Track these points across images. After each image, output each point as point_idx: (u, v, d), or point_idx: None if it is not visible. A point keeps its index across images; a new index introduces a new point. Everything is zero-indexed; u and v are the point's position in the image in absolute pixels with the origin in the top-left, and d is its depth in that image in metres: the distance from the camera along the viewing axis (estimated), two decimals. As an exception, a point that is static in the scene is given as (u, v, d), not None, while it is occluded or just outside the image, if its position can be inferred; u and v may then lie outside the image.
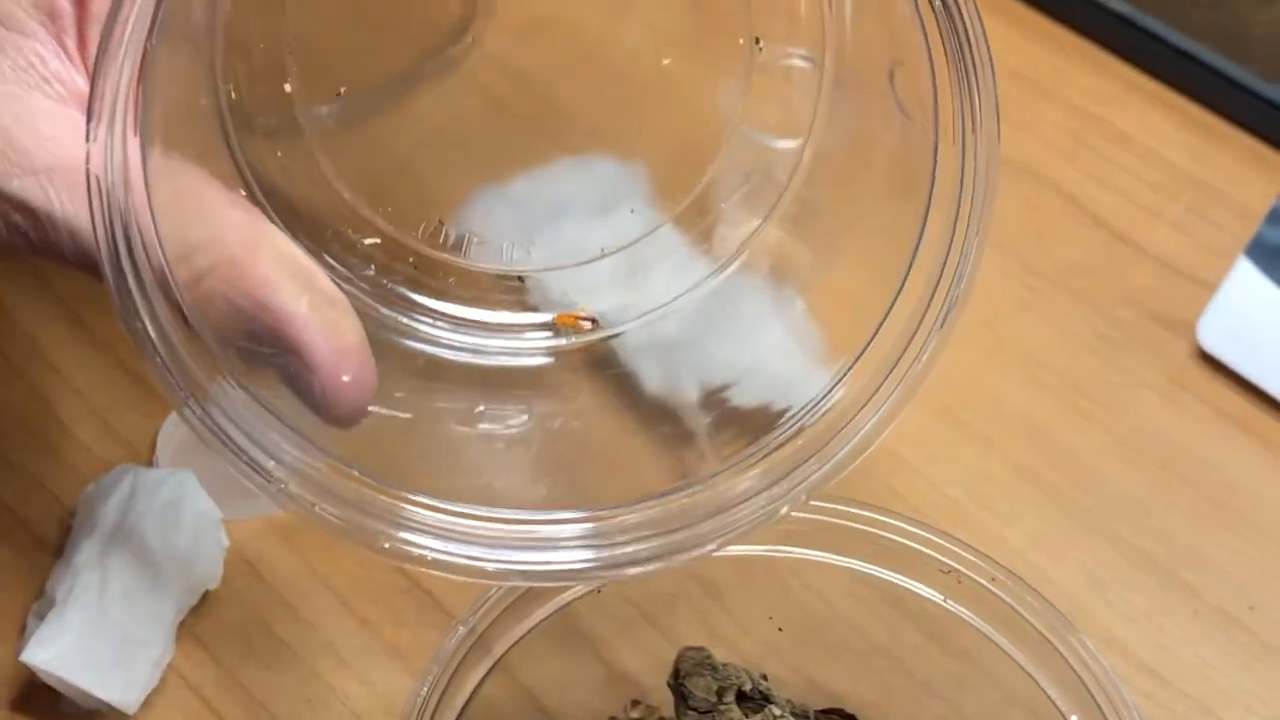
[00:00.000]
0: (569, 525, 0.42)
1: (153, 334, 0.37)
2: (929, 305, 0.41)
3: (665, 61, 0.50)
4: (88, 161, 0.35)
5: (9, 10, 0.38)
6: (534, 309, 0.47)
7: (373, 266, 0.44)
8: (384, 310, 0.44)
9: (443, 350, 0.45)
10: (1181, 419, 0.56)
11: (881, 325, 0.41)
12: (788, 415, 0.43)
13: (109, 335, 0.56)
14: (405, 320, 0.45)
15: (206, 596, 0.51)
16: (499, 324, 0.46)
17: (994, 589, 0.43)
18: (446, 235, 0.46)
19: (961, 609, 0.44)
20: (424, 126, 0.48)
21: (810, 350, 0.48)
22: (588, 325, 0.46)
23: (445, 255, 0.45)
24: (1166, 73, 0.65)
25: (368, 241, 0.44)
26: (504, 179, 0.49)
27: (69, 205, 0.38)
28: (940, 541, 0.44)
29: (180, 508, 0.51)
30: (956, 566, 0.43)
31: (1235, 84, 0.63)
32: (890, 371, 0.41)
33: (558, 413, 0.46)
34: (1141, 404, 0.57)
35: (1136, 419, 0.56)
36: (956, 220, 0.41)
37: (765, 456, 0.43)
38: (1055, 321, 0.59)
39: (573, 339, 0.46)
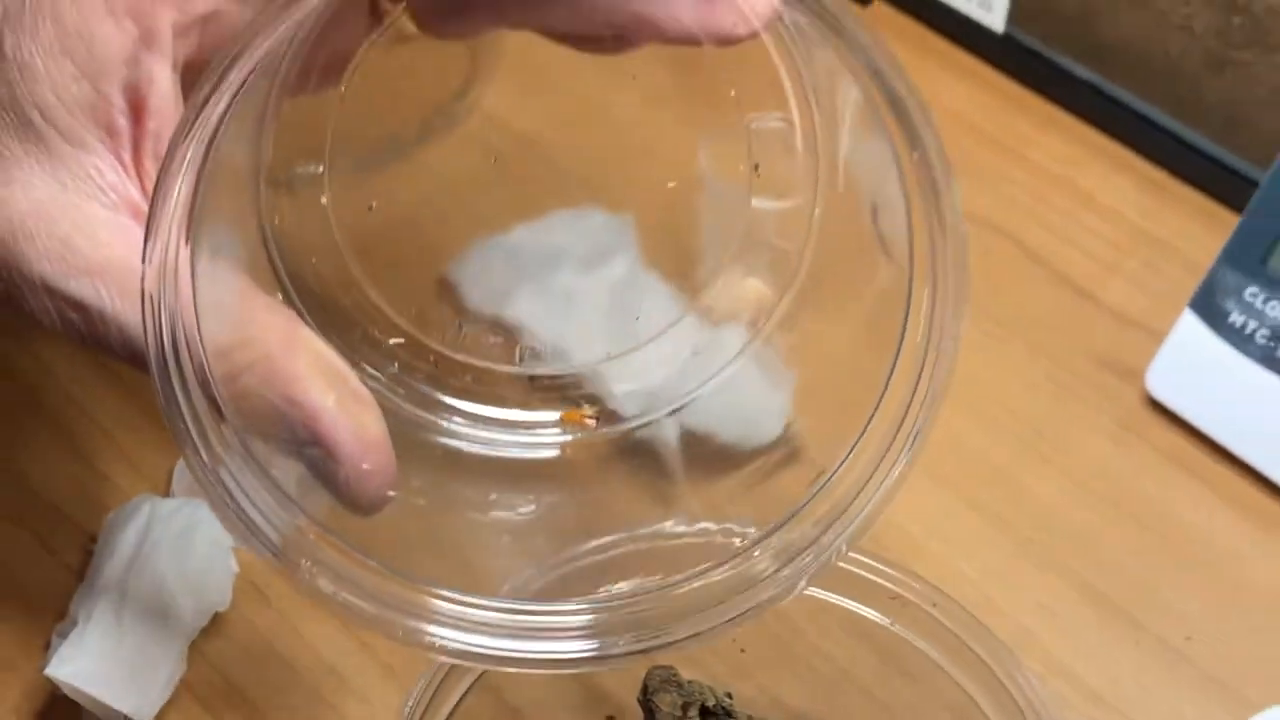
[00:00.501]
0: (571, 616, 0.43)
1: (189, 425, 0.39)
2: (918, 381, 0.42)
3: (657, 123, 0.51)
4: (143, 280, 0.37)
5: (72, 128, 0.39)
6: (546, 395, 0.49)
7: (396, 364, 0.47)
8: (406, 406, 0.46)
9: (460, 443, 0.47)
10: (1130, 461, 0.58)
11: (879, 402, 0.42)
12: (788, 485, 0.44)
13: (132, 381, 0.58)
14: (425, 415, 0.47)
15: (216, 618, 0.53)
16: (511, 420, 0.48)
17: (935, 614, 0.46)
18: (466, 334, 0.48)
19: (907, 633, 0.47)
20: (429, 180, 0.51)
21: (785, 402, 0.49)
22: (592, 424, 0.48)
23: (464, 355, 0.47)
24: (1127, 136, 0.67)
25: (392, 341, 0.46)
26: (502, 229, 0.52)
27: (118, 303, 0.39)
28: (889, 570, 0.47)
29: (193, 536, 0.52)
30: (901, 593, 0.46)
31: (1188, 146, 0.65)
32: (891, 444, 0.42)
33: (564, 501, 0.48)
34: (1093, 447, 0.59)
35: (1088, 461, 0.58)
36: (934, 308, 0.41)
37: (773, 535, 0.44)
38: (1014, 368, 0.60)
39: (579, 435, 0.48)
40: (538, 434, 0.48)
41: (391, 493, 0.41)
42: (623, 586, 0.44)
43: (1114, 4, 0.65)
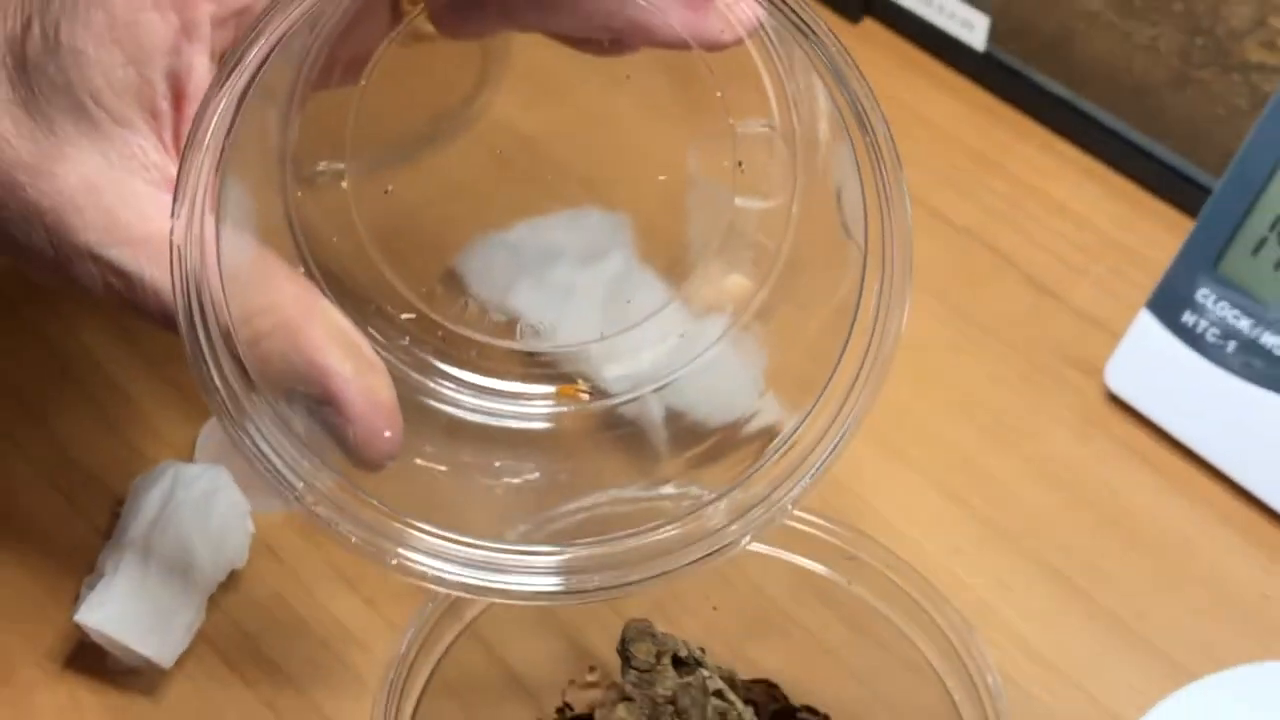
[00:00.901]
0: (544, 557, 0.46)
1: (215, 380, 0.41)
2: (866, 356, 0.44)
3: (651, 126, 0.53)
4: (171, 234, 0.40)
5: (120, 110, 0.42)
6: (544, 371, 0.51)
7: (407, 338, 0.49)
8: (415, 376, 0.49)
9: (463, 412, 0.50)
10: (1089, 450, 0.61)
11: (832, 375, 0.45)
12: (754, 453, 0.47)
13: (157, 352, 0.61)
14: (433, 385, 0.49)
15: (233, 575, 0.55)
16: (511, 392, 0.50)
17: (892, 577, 0.49)
18: (471, 311, 0.50)
19: (867, 595, 0.50)
20: (438, 179, 0.53)
21: (762, 381, 0.52)
22: (585, 397, 0.51)
23: (469, 331, 0.50)
24: (1097, 148, 0.69)
25: (404, 316, 0.49)
26: (505, 226, 0.54)
27: (155, 271, 0.42)
28: (848, 533, 0.50)
29: (214, 499, 0.55)
30: (859, 554, 0.49)
31: (1154, 158, 0.68)
32: (839, 414, 0.45)
33: (553, 467, 0.50)
34: (1055, 436, 0.61)
35: (1049, 449, 0.61)
36: (882, 284, 0.43)
37: (729, 494, 0.47)
38: (983, 363, 0.63)
39: (572, 407, 0.51)
40: (534, 405, 0.51)
41: (395, 453, 0.44)
42: (579, 540, 0.47)
43: (1086, 25, 0.67)
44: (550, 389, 0.51)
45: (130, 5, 0.41)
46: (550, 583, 0.46)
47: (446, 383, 0.50)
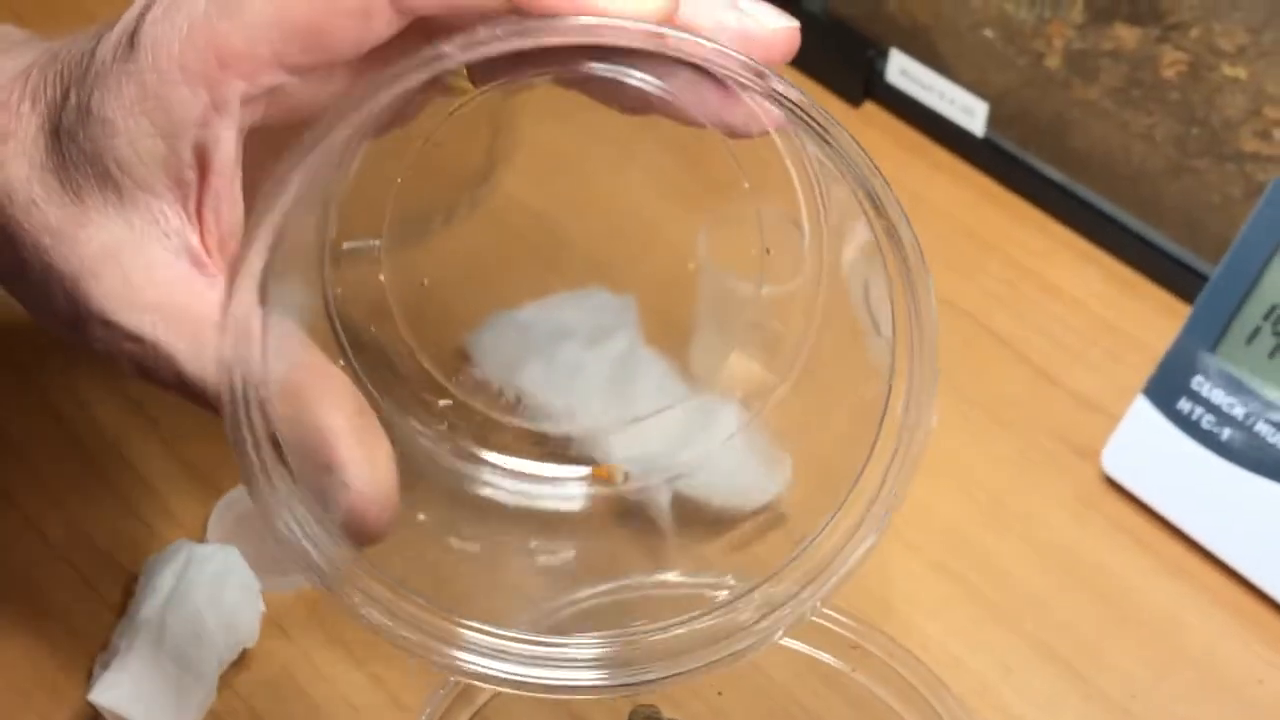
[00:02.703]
0: (583, 649, 0.47)
1: (255, 465, 0.41)
2: (894, 455, 0.45)
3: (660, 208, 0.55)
4: (222, 333, 0.40)
5: (145, 178, 0.43)
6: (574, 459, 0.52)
7: (446, 423, 0.50)
8: (455, 461, 0.50)
9: (500, 494, 0.51)
10: (1086, 532, 0.61)
11: (861, 472, 0.46)
12: (777, 544, 0.48)
13: (171, 431, 0.62)
14: (470, 468, 0.51)
15: (244, 653, 0.56)
16: (545, 476, 0.52)
17: (893, 664, 0.50)
18: (505, 399, 0.51)
19: (868, 680, 0.51)
20: (448, 258, 0.53)
21: (782, 471, 0.53)
22: (621, 477, 0.52)
23: (504, 417, 0.51)
24: (1093, 233, 0.70)
25: (442, 403, 0.50)
26: (515, 305, 0.55)
27: (170, 337, 0.43)
28: (852, 622, 0.51)
29: (226, 578, 0.55)
30: (862, 643, 0.50)
31: (1150, 244, 0.69)
32: (868, 512, 0.46)
33: (574, 552, 0.52)
34: (1052, 518, 0.62)
35: (1047, 531, 0.61)
36: (910, 384, 0.44)
37: (759, 588, 0.47)
38: (982, 444, 0.64)
39: (606, 488, 0.52)
40: (567, 487, 0.52)
41: (390, 526, 0.43)
42: (614, 630, 0.47)
43: (1083, 113, 0.68)
44: (585, 471, 0.52)
45: (161, 80, 0.42)
46: (589, 676, 0.46)
47: (482, 467, 0.51)
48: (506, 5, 0.41)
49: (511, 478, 0.51)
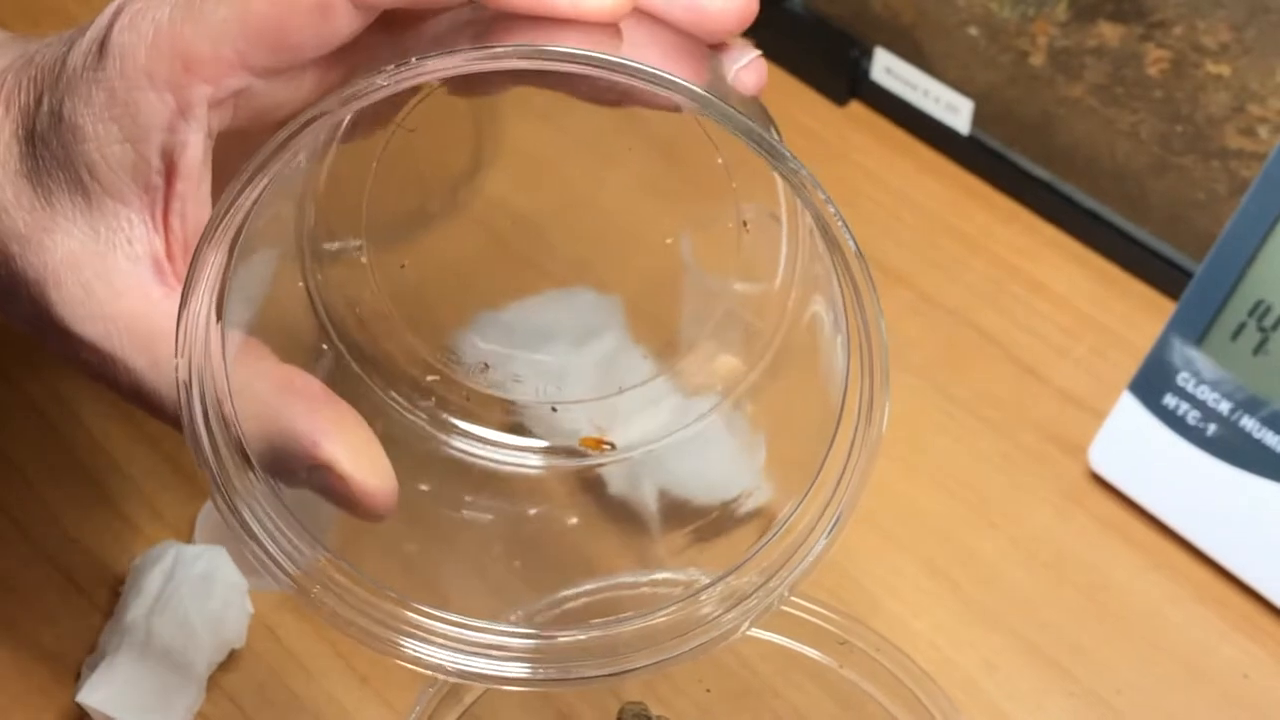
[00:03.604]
0: (538, 640, 0.47)
1: (211, 461, 0.43)
2: (853, 444, 0.44)
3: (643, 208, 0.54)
4: (176, 338, 0.41)
5: (114, 184, 0.43)
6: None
7: (433, 399, 0.51)
8: (438, 434, 0.51)
9: (487, 465, 0.51)
10: (1071, 529, 0.62)
11: (823, 462, 0.46)
12: (748, 535, 0.48)
13: (157, 432, 0.61)
14: (455, 442, 0.51)
15: (232, 654, 0.56)
16: (535, 447, 0.52)
17: (880, 659, 0.50)
18: (492, 374, 0.52)
19: (855, 676, 0.51)
20: (432, 259, 0.53)
21: (755, 462, 0.53)
22: (608, 447, 0.52)
23: (490, 390, 0.52)
24: (1079, 230, 0.70)
25: (429, 378, 0.51)
26: (499, 306, 0.55)
27: (126, 350, 0.43)
28: (839, 619, 0.51)
29: (213, 579, 0.55)
30: (850, 639, 0.50)
31: (1135, 241, 0.69)
32: (830, 499, 0.45)
33: (572, 544, 0.53)
34: (1037, 515, 0.62)
35: (1032, 528, 0.62)
36: (872, 372, 0.43)
37: (723, 579, 0.47)
38: (967, 442, 0.64)
39: (593, 459, 0.52)
40: (554, 459, 0.52)
41: (394, 498, 0.44)
42: (574, 625, 0.48)
43: (1068, 111, 0.69)
44: (573, 441, 0.52)
45: (129, 86, 0.42)
46: (545, 670, 0.47)
47: (469, 440, 0.52)
48: None
49: (498, 449, 0.52)
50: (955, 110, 0.72)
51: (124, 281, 0.43)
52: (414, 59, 0.38)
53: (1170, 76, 0.65)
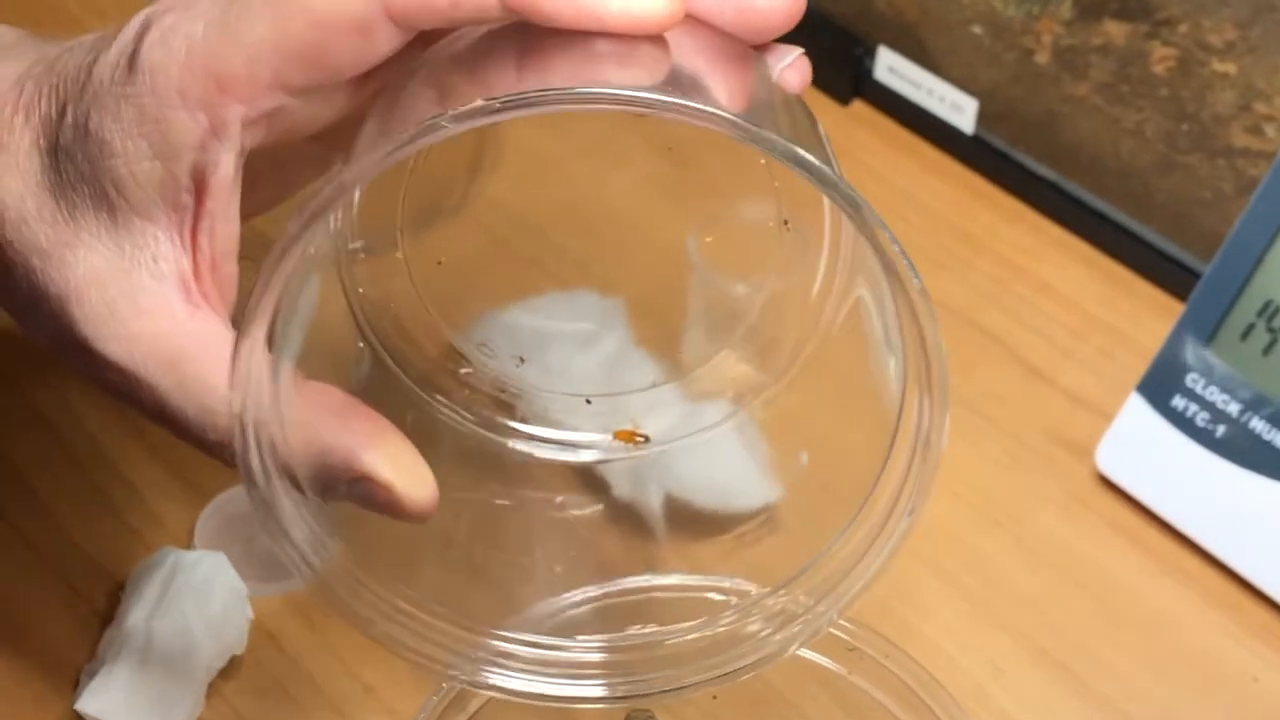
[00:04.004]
0: (592, 654, 0.47)
1: (269, 501, 0.42)
2: (910, 465, 0.43)
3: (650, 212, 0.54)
4: (234, 357, 0.40)
5: (141, 201, 0.42)
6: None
7: (467, 390, 0.51)
8: (475, 428, 0.51)
9: (521, 458, 0.51)
10: (1079, 531, 0.61)
11: (874, 486, 0.45)
12: (799, 566, 0.47)
13: (158, 438, 0.58)
14: (492, 436, 0.51)
15: (233, 660, 0.55)
16: (569, 441, 0.52)
17: (889, 665, 0.50)
18: (525, 369, 0.52)
19: (864, 683, 0.50)
20: (434, 260, 0.53)
21: (760, 465, 0.53)
22: (642, 439, 0.52)
23: (520, 386, 0.52)
24: (1085, 230, 0.70)
25: (463, 371, 0.51)
26: (501, 308, 0.55)
27: (151, 370, 0.43)
28: (848, 625, 0.50)
29: (213, 585, 0.55)
30: (859, 646, 0.50)
31: (1141, 240, 0.68)
32: (884, 524, 0.45)
33: (586, 548, 0.52)
34: (1045, 517, 0.62)
35: (1040, 530, 0.61)
36: (931, 395, 0.42)
37: (768, 598, 0.47)
38: (973, 443, 0.63)
39: (627, 451, 0.52)
40: (583, 452, 0.52)
41: (436, 496, 0.44)
42: (626, 633, 0.48)
43: (1073, 110, 0.68)
44: (608, 436, 0.52)
45: (160, 103, 0.41)
46: (598, 688, 0.46)
47: (504, 433, 0.52)
48: (506, 14, 0.40)
49: (532, 442, 0.52)
50: (959, 109, 0.72)
51: (149, 300, 0.43)
52: (480, 100, 0.37)
53: (1176, 75, 0.65)
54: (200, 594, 0.55)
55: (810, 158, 0.38)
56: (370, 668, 0.56)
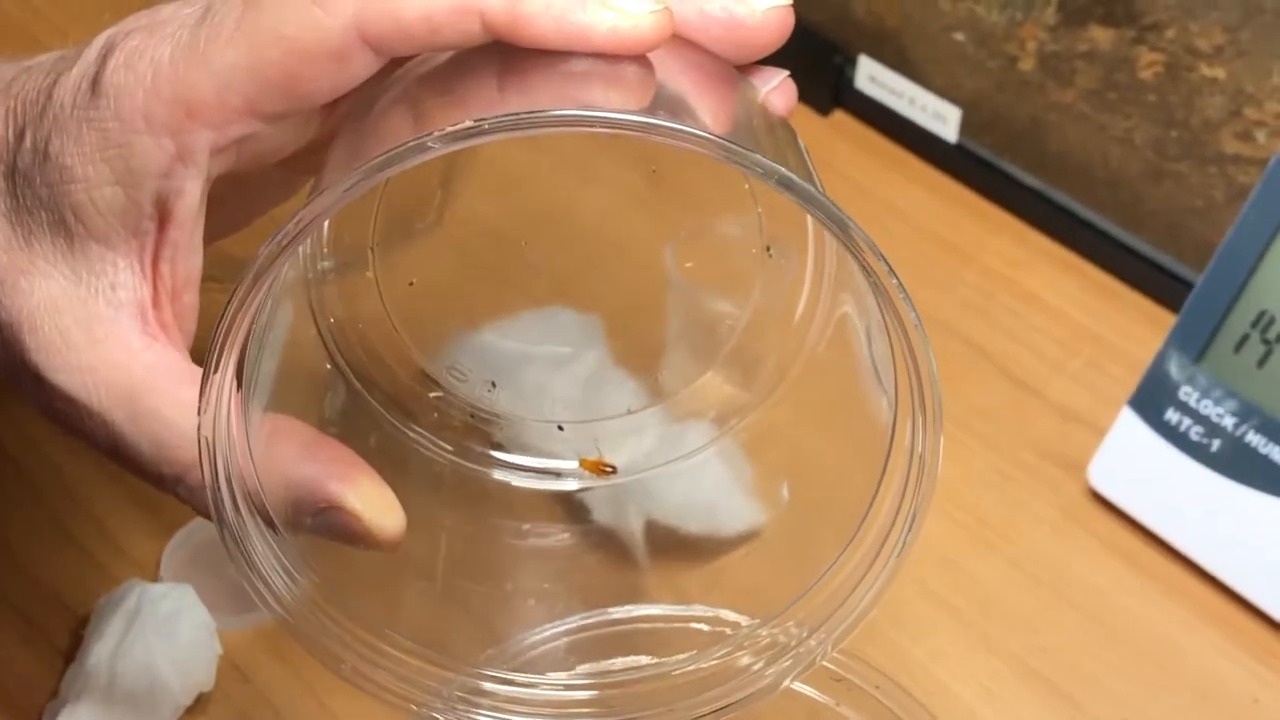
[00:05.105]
0: (581, 692, 0.46)
1: (239, 539, 0.41)
2: (904, 492, 0.42)
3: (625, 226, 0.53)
4: (201, 391, 0.39)
5: (101, 228, 0.41)
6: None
7: (435, 414, 0.50)
8: (446, 455, 0.50)
9: (491, 485, 0.50)
10: (1071, 550, 0.60)
11: (866, 515, 0.43)
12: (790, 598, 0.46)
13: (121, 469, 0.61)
14: (463, 462, 0.50)
15: (201, 698, 0.54)
16: (548, 469, 0.51)
17: (878, 696, 0.48)
18: (497, 394, 0.51)
19: (853, 714, 0.49)
20: (405, 280, 0.51)
21: (746, 489, 0.52)
22: (610, 470, 0.51)
23: (493, 411, 0.50)
24: (1072, 240, 0.69)
25: (432, 395, 0.50)
26: (476, 327, 0.54)
27: (105, 400, 0.41)
28: (837, 655, 0.49)
29: (180, 619, 0.54)
30: (848, 676, 0.49)
31: (1130, 250, 0.67)
32: (878, 553, 0.43)
33: (549, 577, 0.51)
34: (1036, 536, 0.60)
35: (1031, 549, 0.60)
36: (925, 421, 0.41)
37: (760, 628, 0.46)
38: (962, 461, 0.62)
39: (597, 481, 0.51)
40: (560, 481, 0.51)
41: (403, 524, 0.43)
42: (613, 664, 0.47)
43: (1059, 117, 0.67)
44: (573, 464, 0.51)
45: (124, 128, 0.40)
46: None
47: (475, 459, 0.51)
48: (487, 37, 0.39)
49: (509, 470, 0.51)
50: (942, 118, 0.71)
51: (104, 329, 0.42)
52: (469, 121, 0.35)
53: (1164, 80, 0.63)
54: (166, 629, 0.54)
55: (797, 179, 0.37)
56: (342, 700, 0.55)
